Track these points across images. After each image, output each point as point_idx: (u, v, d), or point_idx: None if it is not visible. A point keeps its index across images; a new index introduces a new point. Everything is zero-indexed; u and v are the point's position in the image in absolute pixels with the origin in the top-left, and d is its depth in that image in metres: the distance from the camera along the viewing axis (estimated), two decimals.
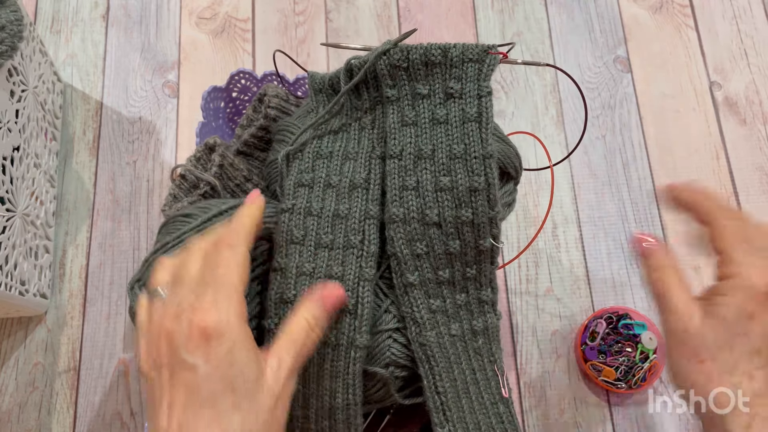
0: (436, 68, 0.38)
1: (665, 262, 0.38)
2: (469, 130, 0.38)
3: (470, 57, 0.38)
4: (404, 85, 0.39)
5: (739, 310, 0.35)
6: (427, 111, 0.39)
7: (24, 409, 0.60)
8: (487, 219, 0.38)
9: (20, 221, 0.57)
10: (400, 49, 0.39)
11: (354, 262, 0.38)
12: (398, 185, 0.39)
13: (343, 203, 0.40)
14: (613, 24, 0.75)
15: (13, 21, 0.53)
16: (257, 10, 0.76)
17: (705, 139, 0.70)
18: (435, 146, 0.38)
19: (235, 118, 0.62)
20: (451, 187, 0.38)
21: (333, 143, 0.42)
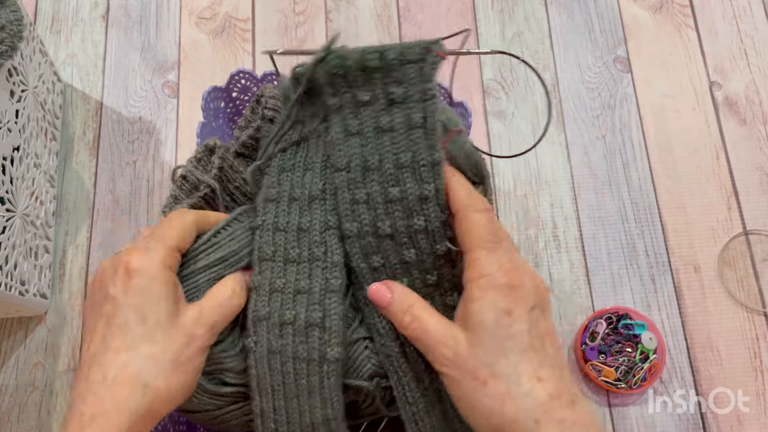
0: (375, 73, 0.36)
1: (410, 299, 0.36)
2: (415, 138, 0.36)
3: (409, 58, 0.35)
4: (345, 92, 0.37)
5: (496, 311, 0.32)
6: (371, 119, 0.37)
7: (24, 409, 0.60)
8: (440, 223, 0.37)
9: (20, 221, 0.57)
10: (336, 56, 0.36)
11: (320, 274, 0.38)
12: (348, 199, 0.38)
13: (305, 216, 0.39)
14: (613, 24, 0.75)
15: (13, 21, 0.53)
16: (257, 10, 0.76)
17: (705, 139, 0.70)
18: (381, 156, 0.37)
19: (235, 118, 0.62)
20: (401, 197, 0.37)
21: (295, 154, 0.41)
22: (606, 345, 0.60)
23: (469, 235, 0.34)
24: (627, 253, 0.66)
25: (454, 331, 0.33)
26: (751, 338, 0.63)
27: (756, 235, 0.66)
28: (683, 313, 0.63)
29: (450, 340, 0.33)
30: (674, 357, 0.62)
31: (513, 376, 0.31)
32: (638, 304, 0.64)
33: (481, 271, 0.33)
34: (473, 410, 0.32)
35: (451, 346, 0.33)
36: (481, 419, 0.32)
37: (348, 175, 0.38)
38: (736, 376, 0.61)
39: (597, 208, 0.67)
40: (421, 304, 0.36)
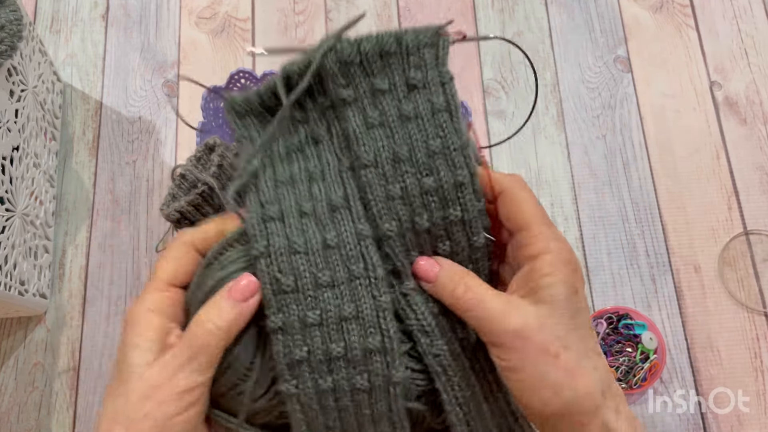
0: (393, 58, 0.34)
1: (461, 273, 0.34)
2: (441, 122, 0.35)
3: (425, 42, 0.34)
4: (360, 82, 0.35)
5: (567, 287, 0.31)
6: (393, 107, 0.35)
7: (24, 409, 0.60)
8: (477, 213, 0.35)
9: (20, 221, 0.57)
10: (348, 43, 0.34)
11: (366, 294, 0.34)
12: (383, 196, 0.35)
13: (329, 231, 0.34)
14: (613, 24, 0.75)
15: (12, 21, 0.53)
16: (257, 10, 0.76)
17: (705, 138, 0.70)
18: (411, 145, 0.35)
19: None
20: (437, 187, 0.35)
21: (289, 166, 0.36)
22: (606, 345, 0.60)
23: (522, 213, 0.34)
24: (627, 253, 0.66)
25: (517, 302, 0.32)
26: (752, 338, 0.63)
27: (756, 235, 0.66)
28: (683, 313, 0.63)
29: (514, 309, 0.32)
30: (674, 357, 0.62)
31: (582, 350, 0.31)
32: (638, 304, 0.64)
33: (546, 246, 0.33)
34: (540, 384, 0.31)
35: (516, 315, 0.31)
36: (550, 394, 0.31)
37: (378, 171, 0.35)
38: (736, 376, 0.61)
39: (597, 208, 0.67)
40: (474, 275, 0.34)
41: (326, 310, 0.34)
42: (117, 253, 0.65)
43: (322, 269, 0.34)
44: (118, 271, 0.65)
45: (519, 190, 0.34)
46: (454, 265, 0.35)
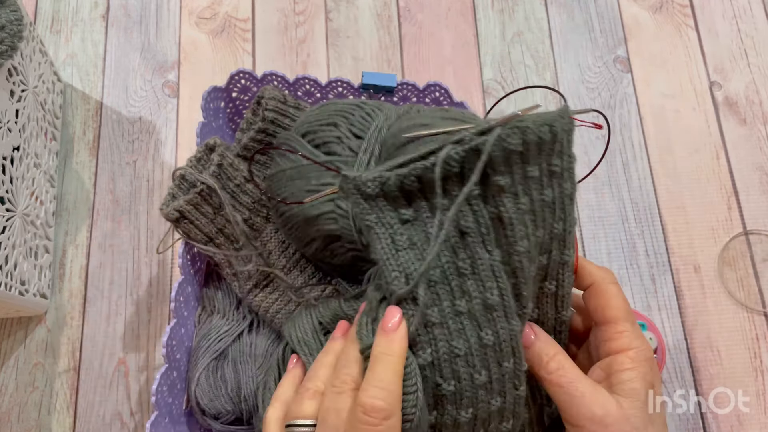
0: (545, 146, 0.34)
1: (556, 348, 0.36)
2: (566, 207, 0.35)
3: (565, 128, 0.34)
4: (517, 170, 0.33)
5: (646, 383, 0.34)
6: (537, 194, 0.34)
7: (24, 409, 0.60)
8: (570, 289, 0.37)
9: (20, 221, 0.57)
10: (512, 131, 0.32)
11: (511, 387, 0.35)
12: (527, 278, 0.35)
13: (485, 330, 0.34)
14: (613, 24, 0.75)
15: (12, 21, 0.53)
16: (257, 10, 0.76)
17: (705, 139, 0.70)
18: (544, 230, 0.35)
19: (235, 118, 0.62)
20: (546, 264, 0.36)
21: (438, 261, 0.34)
22: None
23: (610, 308, 0.36)
24: (627, 253, 0.66)
25: (602, 390, 0.34)
26: (751, 338, 0.63)
27: (756, 235, 0.66)
28: (683, 313, 0.63)
29: (600, 397, 0.34)
30: (674, 357, 0.62)
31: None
32: (638, 304, 0.64)
33: (630, 343, 0.35)
34: None
35: (601, 403, 0.33)
36: None
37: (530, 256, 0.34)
38: (736, 376, 0.61)
39: (597, 208, 0.67)
40: (566, 354, 0.36)
41: (477, 408, 0.34)
42: (117, 253, 0.65)
43: (479, 369, 0.34)
44: (119, 271, 0.65)
45: (609, 284, 0.37)
46: (550, 339, 0.37)
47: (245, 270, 0.51)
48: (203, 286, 0.57)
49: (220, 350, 0.52)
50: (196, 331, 0.54)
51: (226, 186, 0.51)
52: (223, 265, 0.52)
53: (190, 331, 0.54)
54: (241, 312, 0.54)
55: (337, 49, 0.74)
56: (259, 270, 0.52)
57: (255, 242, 0.52)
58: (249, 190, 0.52)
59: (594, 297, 0.37)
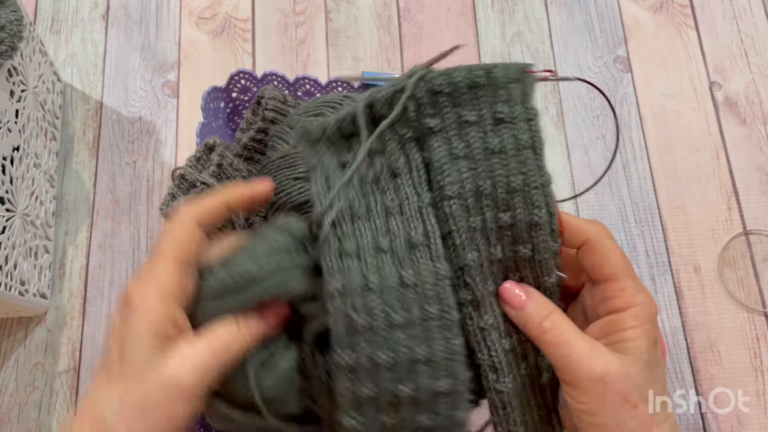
0: (481, 91, 0.34)
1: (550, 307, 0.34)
2: (525, 159, 0.34)
3: (513, 77, 0.34)
4: (448, 112, 0.35)
5: (650, 340, 0.33)
6: (479, 140, 0.34)
7: (24, 409, 0.60)
8: (550, 254, 0.35)
9: (20, 221, 0.57)
10: (439, 73, 0.34)
11: (439, 337, 0.33)
12: (465, 227, 0.34)
13: (406, 269, 0.33)
14: (613, 24, 0.75)
15: (12, 21, 0.53)
16: (257, 10, 0.76)
17: (705, 139, 0.70)
18: (494, 181, 0.34)
19: (235, 118, 0.62)
20: (512, 224, 0.34)
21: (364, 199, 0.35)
22: None
23: (609, 264, 0.34)
24: (627, 253, 0.65)
25: (601, 348, 0.32)
26: (752, 338, 0.63)
27: (756, 235, 0.66)
28: (683, 313, 0.63)
29: (599, 355, 0.32)
30: (674, 357, 0.62)
31: (658, 403, 0.32)
32: None
33: (632, 299, 0.33)
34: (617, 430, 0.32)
35: (600, 361, 0.32)
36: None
37: (461, 203, 0.35)
38: (736, 376, 0.61)
39: (597, 208, 0.67)
40: (561, 312, 0.34)
41: (399, 352, 0.33)
42: (117, 253, 0.65)
43: (397, 309, 0.33)
44: (119, 271, 0.65)
45: (604, 239, 0.35)
46: (543, 297, 0.35)
47: None
48: None
49: None
50: None
51: None
52: None
53: None
54: None
55: (337, 49, 0.74)
56: None
57: None
58: None
59: (588, 254, 0.35)
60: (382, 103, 0.35)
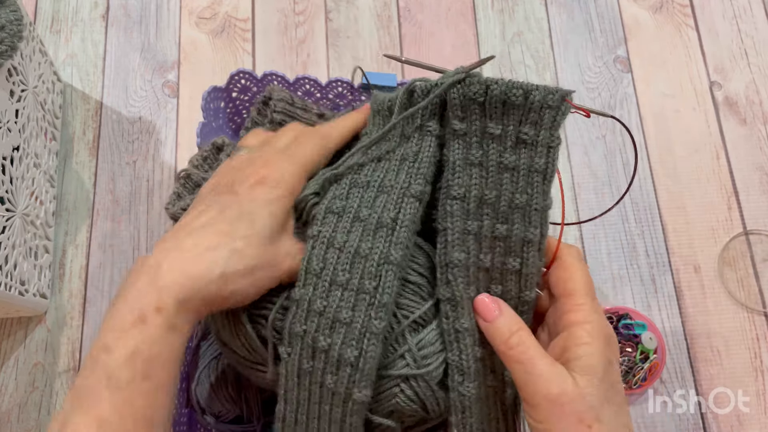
0: (514, 109, 0.36)
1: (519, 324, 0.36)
2: (533, 182, 0.36)
3: (549, 103, 0.35)
4: (475, 120, 0.37)
5: (604, 359, 0.33)
6: (496, 154, 0.36)
7: (24, 409, 0.60)
8: (535, 270, 0.37)
9: (20, 221, 0.57)
10: (478, 81, 0.36)
11: (364, 310, 0.35)
12: (460, 228, 0.37)
13: (366, 241, 0.37)
14: (613, 24, 0.75)
15: (12, 21, 0.53)
16: (257, 10, 0.76)
17: (705, 139, 0.70)
18: (499, 193, 0.37)
19: (235, 119, 0.62)
20: (506, 236, 0.37)
21: (372, 172, 0.39)
22: None
23: (573, 282, 0.36)
24: (627, 253, 0.66)
25: (559, 368, 0.33)
26: (752, 338, 0.63)
27: (756, 235, 0.66)
28: (683, 313, 0.63)
29: (556, 376, 0.33)
30: (674, 357, 0.62)
31: (613, 424, 0.33)
32: (638, 304, 0.64)
33: (586, 317, 0.34)
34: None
35: (557, 382, 0.33)
36: None
37: (463, 205, 0.37)
38: (736, 376, 0.61)
39: (597, 208, 0.67)
40: (529, 331, 0.36)
41: (330, 306, 0.36)
42: (117, 253, 0.65)
43: (345, 271, 0.36)
44: (119, 271, 0.65)
45: (575, 260, 0.37)
46: (514, 314, 0.36)
47: None
48: None
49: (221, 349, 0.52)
50: (196, 331, 0.54)
51: None
52: None
53: None
54: None
55: (337, 49, 0.74)
56: None
57: None
58: None
59: (557, 269, 0.37)
60: (421, 91, 0.38)
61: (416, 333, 0.38)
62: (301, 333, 0.36)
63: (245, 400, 0.50)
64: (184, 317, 0.33)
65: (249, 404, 0.50)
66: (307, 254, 0.37)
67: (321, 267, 0.36)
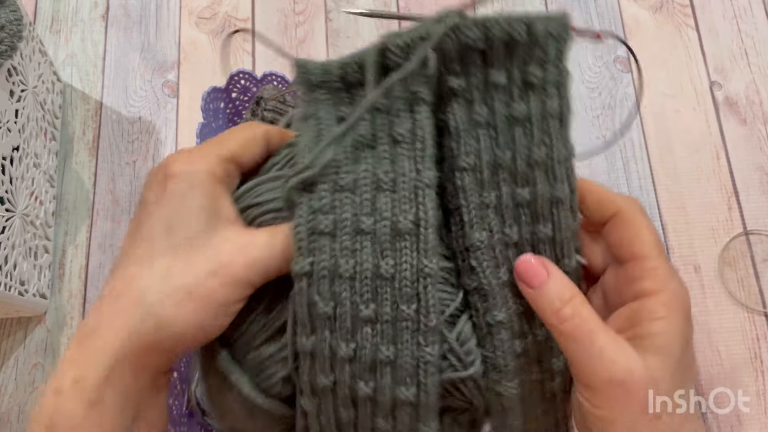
0: (518, 49, 0.29)
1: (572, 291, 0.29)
2: (550, 130, 0.30)
3: (552, 33, 0.29)
4: (476, 72, 0.29)
5: (683, 339, 0.27)
6: (503, 106, 0.30)
7: (24, 409, 0.60)
8: (570, 234, 0.31)
9: (20, 221, 0.57)
10: (475, 23, 0.28)
11: (409, 339, 0.29)
12: (476, 203, 0.30)
13: (386, 257, 0.29)
14: (613, 24, 0.75)
15: (12, 21, 0.53)
16: (257, 10, 0.76)
17: (705, 138, 0.70)
18: (514, 152, 0.30)
19: (235, 119, 0.62)
20: (531, 200, 0.30)
21: (354, 165, 0.30)
22: None
23: (639, 242, 0.29)
24: None
25: (624, 346, 0.27)
26: (752, 338, 0.63)
27: (756, 235, 0.66)
28: None
29: (622, 356, 0.27)
30: None
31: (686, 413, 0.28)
32: None
33: (663, 285, 0.29)
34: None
35: (623, 363, 0.27)
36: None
37: (476, 175, 0.30)
38: (736, 376, 0.61)
39: None
40: (585, 300, 0.29)
41: (362, 347, 0.29)
42: (117, 253, 0.65)
43: (367, 301, 0.29)
44: None
45: (637, 214, 0.30)
46: (566, 278, 0.30)
47: None
48: None
49: None
50: None
51: None
52: None
53: None
54: None
55: (338, 49, 0.74)
56: None
57: None
58: None
59: (617, 229, 0.30)
60: (400, 50, 0.29)
61: (452, 326, 0.31)
62: (330, 385, 0.29)
63: None
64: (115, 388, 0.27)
65: None
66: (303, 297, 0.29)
67: (332, 307, 0.29)
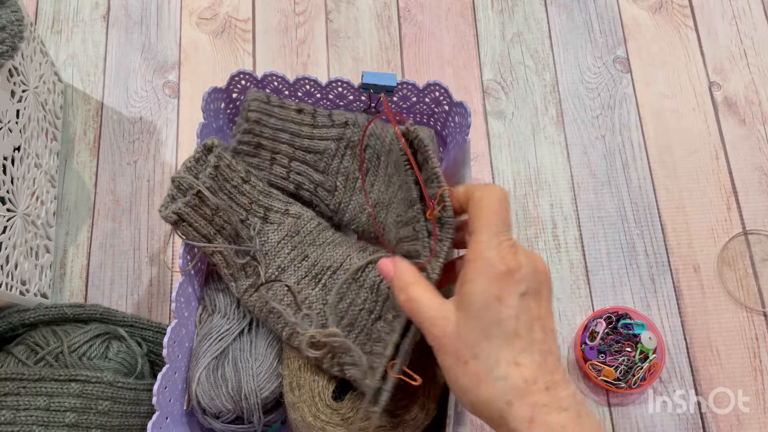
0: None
1: (405, 278, 0.37)
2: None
3: None
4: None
5: (485, 296, 0.33)
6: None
7: None
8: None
9: (21, 221, 0.57)
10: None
11: None
12: None
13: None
14: (612, 24, 0.75)
15: (13, 21, 0.53)
16: (257, 11, 0.76)
17: (705, 139, 0.70)
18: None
19: (235, 119, 0.62)
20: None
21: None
22: (606, 344, 0.60)
23: (476, 219, 0.36)
24: (627, 253, 0.66)
25: (446, 310, 0.35)
26: (751, 338, 0.63)
27: (755, 235, 0.66)
28: (683, 313, 0.63)
29: (440, 319, 0.35)
30: (674, 357, 0.62)
31: (492, 360, 0.33)
32: (638, 303, 0.64)
33: (479, 253, 0.34)
34: (454, 385, 0.35)
35: (440, 325, 0.35)
36: (460, 394, 0.34)
37: None
38: (735, 376, 0.61)
39: (597, 208, 0.67)
40: (417, 281, 0.37)
41: None
42: (118, 253, 0.66)
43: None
44: (119, 271, 0.65)
45: (485, 199, 0.36)
46: (404, 269, 0.38)
47: (240, 262, 0.51)
48: (203, 286, 0.57)
49: (221, 349, 0.52)
50: (197, 331, 0.55)
51: (223, 187, 0.51)
52: (220, 266, 0.52)
53: (191, 332, 0.54)
54: (241, 311, 0.54)
55: (338, 49, 0.74)
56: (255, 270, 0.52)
57: (252, 243, 0.52)
58: (246, 191, 0.53)
59: (469, 211, 0.37)
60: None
61: None
62: None
63: (245, 399, 0.50)
64: None
65: (249, 404, 0.50)
66: None
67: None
